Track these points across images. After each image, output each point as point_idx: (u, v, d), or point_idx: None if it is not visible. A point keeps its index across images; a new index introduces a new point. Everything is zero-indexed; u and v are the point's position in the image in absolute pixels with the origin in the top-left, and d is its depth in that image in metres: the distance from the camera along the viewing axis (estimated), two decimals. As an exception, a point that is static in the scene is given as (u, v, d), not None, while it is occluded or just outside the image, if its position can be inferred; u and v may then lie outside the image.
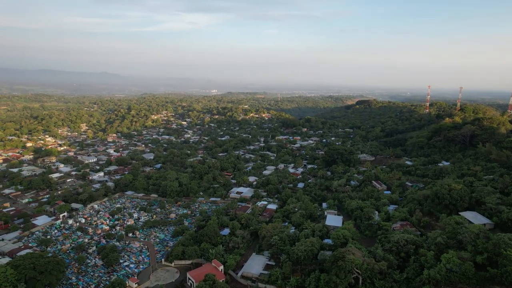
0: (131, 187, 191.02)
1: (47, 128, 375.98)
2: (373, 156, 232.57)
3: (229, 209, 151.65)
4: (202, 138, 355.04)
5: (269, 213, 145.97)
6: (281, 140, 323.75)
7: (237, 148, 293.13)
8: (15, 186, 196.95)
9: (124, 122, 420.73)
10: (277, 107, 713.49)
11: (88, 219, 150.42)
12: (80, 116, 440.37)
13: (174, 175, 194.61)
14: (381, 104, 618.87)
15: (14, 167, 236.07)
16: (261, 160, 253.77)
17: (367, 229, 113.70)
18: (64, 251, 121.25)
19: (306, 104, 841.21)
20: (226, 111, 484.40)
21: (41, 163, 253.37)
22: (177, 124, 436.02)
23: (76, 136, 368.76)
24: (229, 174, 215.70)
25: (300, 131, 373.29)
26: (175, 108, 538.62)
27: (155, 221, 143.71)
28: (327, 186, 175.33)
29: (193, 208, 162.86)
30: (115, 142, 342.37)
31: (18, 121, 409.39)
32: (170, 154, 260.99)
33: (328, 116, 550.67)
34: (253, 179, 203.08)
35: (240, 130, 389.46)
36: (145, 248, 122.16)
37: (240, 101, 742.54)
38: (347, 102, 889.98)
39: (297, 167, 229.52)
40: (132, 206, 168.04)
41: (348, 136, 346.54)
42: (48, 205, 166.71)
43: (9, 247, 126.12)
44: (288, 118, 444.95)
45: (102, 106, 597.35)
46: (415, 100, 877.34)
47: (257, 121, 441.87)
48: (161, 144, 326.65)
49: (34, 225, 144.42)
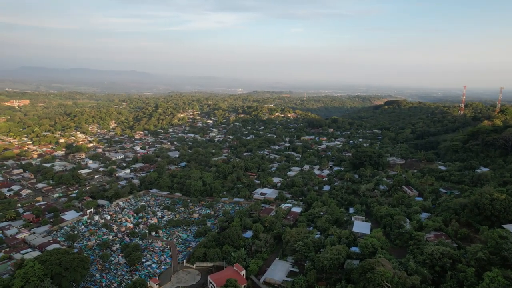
0: (155, 185, 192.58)
1: (79, 124, 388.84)
2: (403, 160, 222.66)
3: (252, 210, 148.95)
4: (227, 137, 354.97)
5: (293, 216, 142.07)
6: (307, 141, 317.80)
7: (262, 148, 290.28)
8: (47, 180, 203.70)
9: (151, 120, 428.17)
10: (303, 107, 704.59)
11: (113, 216, 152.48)
12: (109, 113, 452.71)
13: (198, 174, 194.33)
14: (411, 104, 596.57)
15: (47, 162, 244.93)
16: (286, 161, 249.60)
17: (398, 238, 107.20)
18: (90, 247, 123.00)
19: (332, 103, 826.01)
20: (252, 110, 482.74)
21: (71, 158, 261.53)
22: (203, 123, 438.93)
23: (105, 133, 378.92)
24: (253, 174, 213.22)
25: (327, 131, 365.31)
26: (201, 107, 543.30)
27: (178, 221, 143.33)
28: (354, 190, 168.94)
29: (216, 209, 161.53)
30: (142, 139, 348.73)
31: (52, 117, 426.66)
32: (195, 153, 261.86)
33: (355, 117, 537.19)
34: (277, 180, 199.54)
35: (265, 129, 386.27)
36: (167, 248, 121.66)
37: (265, 100, 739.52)
38: (375, 102, 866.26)
39: (323, 169, 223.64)
40: (156, 204, 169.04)
41: (376, 137, 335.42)
42: (76, 200, 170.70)
43: (39, 240, 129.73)
44: (314, 118, 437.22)
45: (130, 104, 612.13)
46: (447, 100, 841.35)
47: (282, 121, 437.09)
48: (186, 142, 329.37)
49: (63, 220, 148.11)
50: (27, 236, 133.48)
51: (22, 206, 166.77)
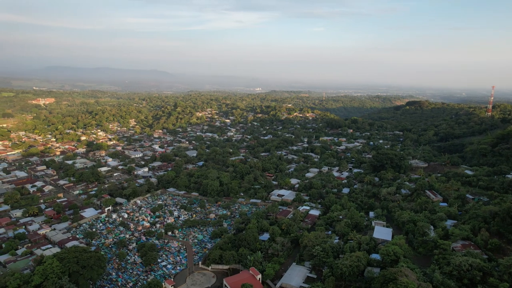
0: (173, 184, 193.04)
1: (100, 122, 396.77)
2: (426, 163, 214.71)
3: (269, 212, 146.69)
4: (244, 137, 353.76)
5: (311, 220, 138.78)
6: (326, 141, 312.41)
7: (280, 148, 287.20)
8: (68, 177, 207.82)
9: (170, 118, 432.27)
10: (321, 107, 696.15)
11: (130, 215, 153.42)
12: (129, 112, 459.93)
13: (215, 174, 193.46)
14: (433, 105, 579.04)
15: (69, 159, 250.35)
16: (304, 162, 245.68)
17: (421, 246, 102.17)
18: (107, 245, 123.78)
19: (352, 103, 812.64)
20: (270, 109, 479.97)
21: (92, 156, 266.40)
22: (221, 122, 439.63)
23: (125, 131, 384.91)
24: (270, 175, 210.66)
25: (346, 132, 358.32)
26: (219, 106, 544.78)
27: (195, 221, 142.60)
28: (375, 193, 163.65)
29: (233, 209, 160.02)
30: (160, 138, 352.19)
31: (75, 115, 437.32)
32: (213, 152, 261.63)
33: (375, 117, 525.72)
34: (295, 181, 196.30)
35: (283, 129, 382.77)
36: (183, 249, 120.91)
37: (284, 100, 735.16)
38: (395, 102, 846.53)
39: (342, 171, 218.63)
40: (173, 203, 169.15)
41: (397, 139, 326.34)
42: (96, 198, 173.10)
43: (59, 237, 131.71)
44: (333, 118, 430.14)
45: (150, 103, 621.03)
46: (471, 101, 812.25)
47: (300, 121, 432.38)
48: (204, 141, 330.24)
49: (82, 217, 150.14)
50: (48, 232, 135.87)
51: (44, 202, 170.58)
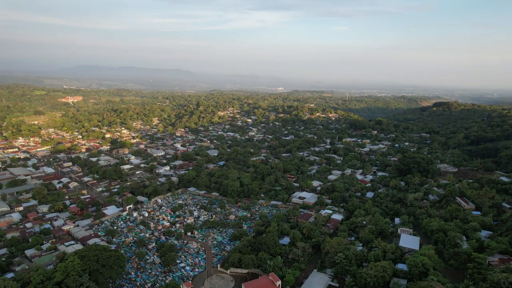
0: (193, 184, 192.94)
1: (124, 120, 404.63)
2: (455, 167, 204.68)
3: (290, 215, 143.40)
4: (266, 137, 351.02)
5: (334, 224, 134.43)
6: (349, 143, 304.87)
7: (302, 149, 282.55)
8: (92, 174, 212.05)
9: (192, 117, 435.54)
10: (344, 107, 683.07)
11: (151, 213, 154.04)
12: (152, 110, 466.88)
13: (236, 174, 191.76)
14: (463, 106, 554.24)
15: (94, 156, 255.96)
16: (327, 164, 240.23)
17: (453, 258, 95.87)
18: (127, 244, 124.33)
19: (376, 104, 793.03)
20: (292, 109, 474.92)
21: (115, 154, 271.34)
22: (242, 121, 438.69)
23: (148, 130, 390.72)
24: (292, 176, 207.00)
25: (370, 133, 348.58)
26: (241, 105, 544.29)
27: (214, 222, 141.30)
28: (401, 198, 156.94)
29: (253, 211, 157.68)
30: (182, 137, 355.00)
31: (101, 113, 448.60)
32: (234, 152, 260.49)
33: (400, 118, 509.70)
34: (317, 183, 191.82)
35: (305, 130, 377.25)
36: (202, 250, 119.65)
37: (306, 100, 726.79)
38: (421, 103, 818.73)
39: (366, 174, 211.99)
40: (193, 203, 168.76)
41: (424, 141, 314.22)
42: (118, 195, 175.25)
43: (81, 233, 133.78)
44: (357, 119, 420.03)
45: (173, 101, 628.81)
46: (505, 102, 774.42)
47: (323, 121, 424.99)
48: (225, 141, 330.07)
49: (104, 214, 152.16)
50: (71, 228, 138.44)
51: (69, 198, 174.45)
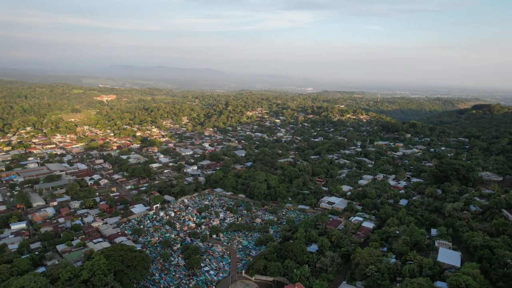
0: (220, 184, 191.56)
1: (154, 119, 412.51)
2: (500, 176, 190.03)
3: (318, 221, 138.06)
4: (294, 138, 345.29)
5: (365, 233, 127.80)
6: (381, 146, 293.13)
7: (331, 152, 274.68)
8: (122, 172, 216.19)
9: (221, 117, 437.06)
10: (376, 108, 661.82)
11: (177, 213, 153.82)
12: (182, 109, 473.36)
13: (263, 176, 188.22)
14: (506, 109, 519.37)
15: (124, 154, 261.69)
16: (357, 167, 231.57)
17: (501, 279, 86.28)
18: (153, 244, 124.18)
19: (409, 106, 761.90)
20: (321, 110, 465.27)
21: (145, 152, 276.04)
22: (271, 122, 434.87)
23: (177, 128, 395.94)
24: (320, 180, 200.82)
25: (403, 137, 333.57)
26: (269, 106, 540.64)
27: (240, 225, 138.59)
28: (437, 207, 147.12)
29: (280, 215, 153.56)
30: (211, 136, 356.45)
31: (133, 112, 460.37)
32: (261, 153, 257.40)
33: (436, 121, 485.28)
34: (347, 188, 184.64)
35: (335, 131, 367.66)
36: (227, 254, 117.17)
37: (336, 101, 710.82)
38: (458, 105, 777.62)
39: (399, 180, 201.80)
40: (220, 204, 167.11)
41: (462, 146, 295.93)
42: (145, 194, 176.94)
43: (109, 231, 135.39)
44: (389, 121, 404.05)
45: (203, 101, 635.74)
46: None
47: (354, 123, 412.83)
48: (253, 141, 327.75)
49: (132, 213, 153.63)
50: (100, 226, 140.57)
51: (99, 195, 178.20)
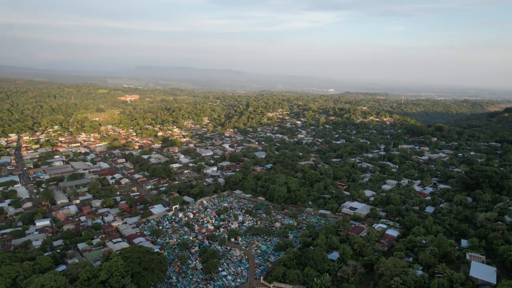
0: (240, 186, 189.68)
1: (176, 119, 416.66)
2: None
3: (340, 227, 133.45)
4: (315, 140, 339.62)
5: (388, 241, 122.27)
6: (405, 150, 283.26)
7: (353, 155, 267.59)
8: (143, 172, 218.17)
9: (241, 118, 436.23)
10: (400, 111, 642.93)
11: (196, 215, 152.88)
12: (203, 110, 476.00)
13: (283, 179, 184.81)
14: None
15: (145, 154, 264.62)
16: (380, 172, 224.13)
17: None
18: (171, 246, 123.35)
19: (435, 108, 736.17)
20: (343, 112, 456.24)
21: (166, 152, 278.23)
22: (291, 123, 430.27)
23: (198, 129, 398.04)
24: (342, 184, 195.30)
25: (429, 140, 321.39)
26: (290, 107, 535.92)
27: (259, 229, 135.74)
28: (467, 217, 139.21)
29: (300, 219, 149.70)
30: (231, 137, 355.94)
31: (155, 112, 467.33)
32: (282, 155, 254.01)
33: (463, 125, 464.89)
34: (369, 193, 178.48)
35: (358, 134, 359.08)
36: (245, 259, 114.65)
37: (358, 102, 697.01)
38: (488, 108, 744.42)
39: (425, 185, 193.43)
40: (239, 207, 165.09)
41: (494, 152, 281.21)
42: (165, 194, 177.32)
43: (128, 231, 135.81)
44: (414, 124, 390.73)
45: (224, 101, 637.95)
46: None
47: (377, 126, 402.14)
48: (273, 143, 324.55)
49: (151, 213, 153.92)
50: (119, 225, 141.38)
51: (120, 194, 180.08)
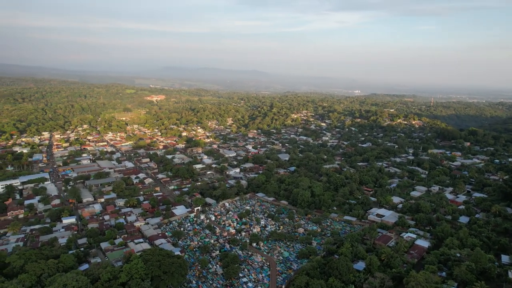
0: (262, 189, 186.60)
1: (200, 120, 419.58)
2: None
3: (366, 235, 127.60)
4: (340, 143, 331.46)
5: (419, 253, 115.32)
6: (435, 155, 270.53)
7: (380, 159, 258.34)
8: (166, 172, 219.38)
9: (265, 119, 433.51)
10: (429, 113, 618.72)
11: (217, 217, 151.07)
12: (227, 110, 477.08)
13: (307, 183, 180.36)
14: None
15: (169, 154, 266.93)
16: (409, 177, 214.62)
17: None
18: (191, 248, 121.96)
19: (466, 111, 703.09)
20: (370, 114, 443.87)
21: (189, 152, 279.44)
22: (316, 125, 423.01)
23: (222, 130, 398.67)
24: (368, 189, 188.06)
25: (461, 145, 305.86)
26: (315, 108, 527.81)
27: (281, 234, 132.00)
28: (508, 229, 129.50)
29: (324, 226, 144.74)
30: (254, 138, 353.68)
31: (180, 112, 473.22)
32: (306, 158, 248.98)
33: (499, 129, 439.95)
34: (397, 200, 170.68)
35: (385, 137, 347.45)
36: (267, 265, 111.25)
37: (385, 104, 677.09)
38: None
39: (458, 193, 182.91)
40: (261, 210, 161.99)
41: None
42: (187, 195, 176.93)
43: (150, 232, 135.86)
44: (445, 128, 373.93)
45: (248, 102, 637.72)
46: None
47: (405, 129, 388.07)
48: (297, 145, 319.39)
49: (173, 214, 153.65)
50: (142, 226, 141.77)
51: (143, 194, 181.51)
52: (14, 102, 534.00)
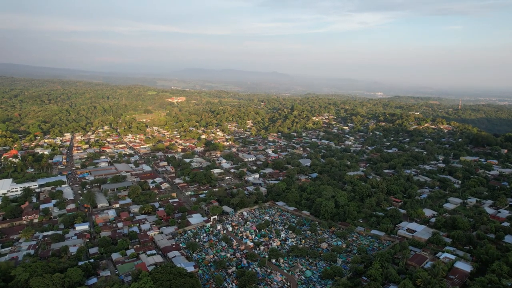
0: (283, 197, 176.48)
1: (220, 122, 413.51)
2: None
3: (397, 254, 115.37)
4: (364, 148, 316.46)
5: (460, 278, 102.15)
6: (469, 162, 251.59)
7: (408, 166, 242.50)
8: (183, 176, 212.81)
9: (285, 122, 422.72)
10: (456, 117, 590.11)
11: (235, 228, 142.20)
12: (247, 113, 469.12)
13: (331, 192, 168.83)
14: None
15: (188, 157, 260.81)
16: (441, 187, 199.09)
17: None
18: (206, 263, 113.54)
19: (498, 114, 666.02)
20: (395, 118, 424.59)
21: (208, 156, 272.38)
22: (338, 129, 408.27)
23: (241, 132, 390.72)
24: (397, 200, 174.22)
25: (498, 152, 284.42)
26: (337, 111, 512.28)
27: (303, 250, 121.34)
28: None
29: (350, 240, 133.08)
30: (274, 142, 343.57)
31: (200, 114, 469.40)
32: (328, 164, 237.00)
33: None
34: (429, 213, 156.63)
35: (412, 142, 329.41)
36: (287, 286, 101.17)
37: (410, 107, 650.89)
38: None
39: (499, 207, 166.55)
40: (281, 221, 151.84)
41: None
42: (204, 202, 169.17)
43: (164, 242, 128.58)
44: (479, 133, 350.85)
45: (268, 104, 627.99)
46: None
47: (433, 133, 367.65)
48: (319, 149, 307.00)
49: (188, 223, 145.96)
50: (155, 235, 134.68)
51: (159, 200, 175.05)
52: (41, 103, 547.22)
